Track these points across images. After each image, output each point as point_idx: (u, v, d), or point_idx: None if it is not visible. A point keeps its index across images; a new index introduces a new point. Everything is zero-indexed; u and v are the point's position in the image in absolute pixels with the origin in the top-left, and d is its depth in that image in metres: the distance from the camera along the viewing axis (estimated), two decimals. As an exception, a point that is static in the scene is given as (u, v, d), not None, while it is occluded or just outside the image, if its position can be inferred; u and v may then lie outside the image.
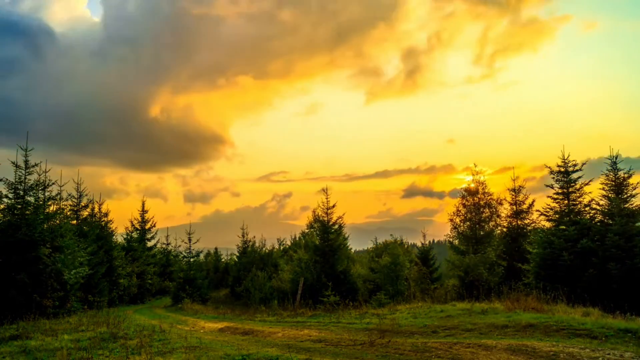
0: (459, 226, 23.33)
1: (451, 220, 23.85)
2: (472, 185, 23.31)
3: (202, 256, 35.23)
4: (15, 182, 15.85)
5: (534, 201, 20.65)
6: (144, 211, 34.07)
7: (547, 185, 16.76)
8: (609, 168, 15.28)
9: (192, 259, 26.30)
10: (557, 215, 16.31)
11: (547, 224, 16.96)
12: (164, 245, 35.19)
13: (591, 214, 15.79)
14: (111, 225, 25.95)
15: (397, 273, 19.35)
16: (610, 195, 15.11)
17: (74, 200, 23.53)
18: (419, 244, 27.27)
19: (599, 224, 15.11)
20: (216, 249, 42.09)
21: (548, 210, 16.78)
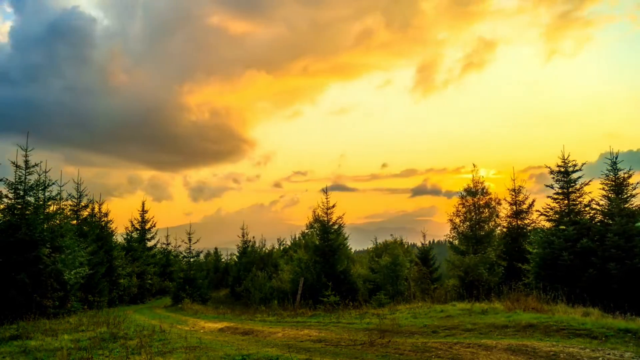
0: (459, 226, 23.32)
1: (451, 220, 23.85)
2: (473, 185, 23.30)
3: (202, 256, 35.24)
4: (16, 182, 15.86)
5: (534, 201, 20.69)
6: (144, 211, 34.08)
7: (547, 186, 16.78)
8: (609, 168, 15.28)
9: (192, 259, 26.29)
10: (557, 215, 16.31)
11: (547, 224, 16.97)
12: (164, 246, 35.21)
13: (591, 214, 15.79)
14: (111, 225, 25.99)
15: (397, 273, 19.36)
16: (610, 195, 15.12)
17: (74, 200, 23.54)
18: (419, 244, 27.28)
19: (598, 224, 15.12)
20: (216, 249, 42.11)
21: (548, 210, 16.78)
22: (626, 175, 14.96)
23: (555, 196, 16.56)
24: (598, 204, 15.64)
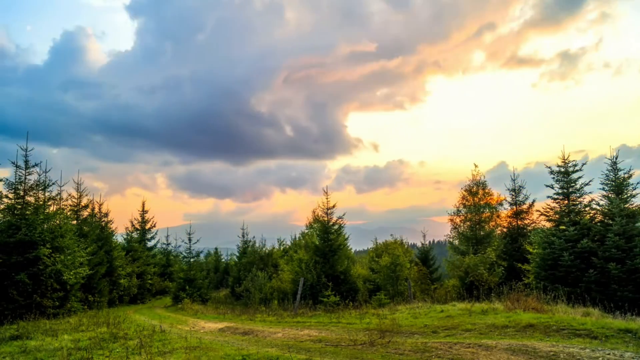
0: (459, 226, 23.36)
1: (451, 220, 23.90)
2: (473, 185, 23.33)
3: (202, 256, 35.22)
4: (15, 182, 15.87)
5: (534, 201, 20.69)
6: (144, 211, 34.08)
7: (547, 185, 16.76)
8: (609, 168, 15.27)
9: (192, 259, 26.29)
10: (557, 216, 16.30)
11: (548, 224, 16.96)
12: (164, 246, 35.22)
13: (591, 215, 15.78)
14: (112, 226, 25.99)
15: (397, 273, 19.36)
16: (610, 195, 15.10)
17: (74, 200, 23.54)
18: (419, 244, 27.30)
19: (599, 224, 15.11)
20: (216, 249, 42.12)
21: (548, 210, 16.77)
22: (626, 176, 14.95)
23: (556, 196, 16.55)
24: (598, 204, 15.64)
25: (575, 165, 16.22)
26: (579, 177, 16.12)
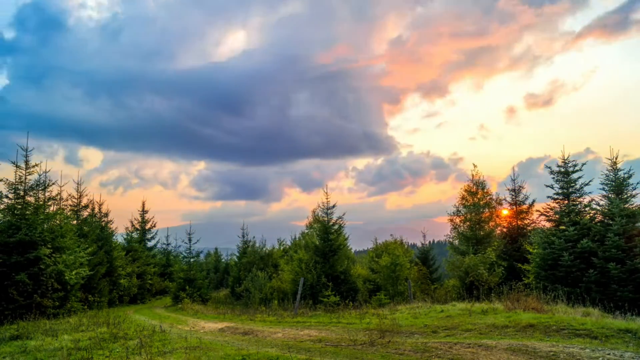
0: (459, 226, 23.36)
1: (451, 220, 23.90)
2: (473, 185, 23.33)
3: (202, 257, 35.24)
4: (16, 182, 15.87)
5: (534, 201, 20.70)
6: (144, 211, 34.09)
7: (547, 186, 16.76)
8: (609, 168, 15.27)
9: (192, 259, 26.31)
10: (557, 216, 16.31)
11: (548, 224, 16.97)
12: (164, 246, 35.25)
13: (591, 215, 15.78)
14: (112, 226, 26.02)
15: (397, 273, 19.36)
16: (610, 195, 15.10)
17: (74, 200, 23.56)
18: (419, 244, 27.32)
19: (599, 224, 15.11)
20: (216, 249, 42.12)
21: (548, 210, 16.78)
22: (626, 176, 14.94)
23: (555, 196, 16.56)
24: (598, 205, 15.64)
25: (575, 166, 16.23)
26: (579, 177, 16.14)
